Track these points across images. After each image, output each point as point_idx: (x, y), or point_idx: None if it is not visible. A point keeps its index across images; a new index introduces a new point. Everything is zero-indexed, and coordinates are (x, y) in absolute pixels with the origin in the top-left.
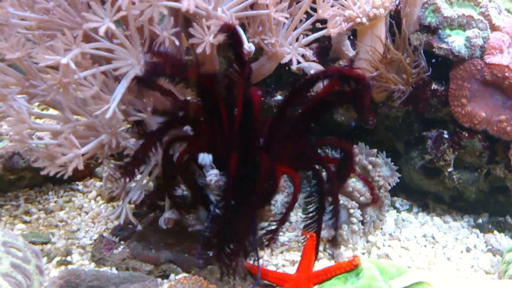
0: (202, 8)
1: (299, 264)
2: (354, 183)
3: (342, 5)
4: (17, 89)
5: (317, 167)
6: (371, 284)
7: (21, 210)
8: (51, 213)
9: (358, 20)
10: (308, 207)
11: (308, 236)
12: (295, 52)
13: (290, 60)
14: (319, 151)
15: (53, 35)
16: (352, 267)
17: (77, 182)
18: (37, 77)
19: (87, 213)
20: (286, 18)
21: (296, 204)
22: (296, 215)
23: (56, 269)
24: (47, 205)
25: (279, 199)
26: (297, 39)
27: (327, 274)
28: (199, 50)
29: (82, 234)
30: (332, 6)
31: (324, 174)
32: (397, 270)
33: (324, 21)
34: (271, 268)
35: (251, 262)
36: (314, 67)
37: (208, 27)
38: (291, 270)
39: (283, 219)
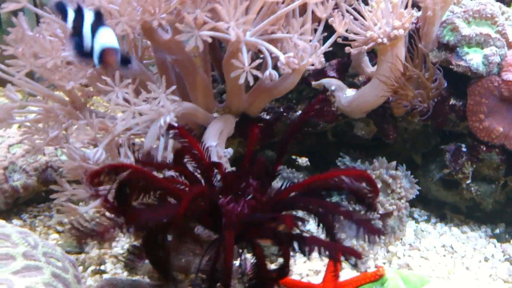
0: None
1: (325, 274)
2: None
3: (363, 25)
4: None
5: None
6: None
7: (54, 221)
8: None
9: (379, 40)
10: None
11: None
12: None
13: (310, 77)
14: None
15: None
16: (377, 278)
17: None
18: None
19: None
20: (310, 40)
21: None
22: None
23: (91, 278)
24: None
25: None
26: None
27: (353, 284)
28: (241, 81)
29: (114, 243)
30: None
31: None
32: (420, 280)
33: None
34: (295, 277)
35: None
36: (334, 83)
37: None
38: (315, 279)
39: None
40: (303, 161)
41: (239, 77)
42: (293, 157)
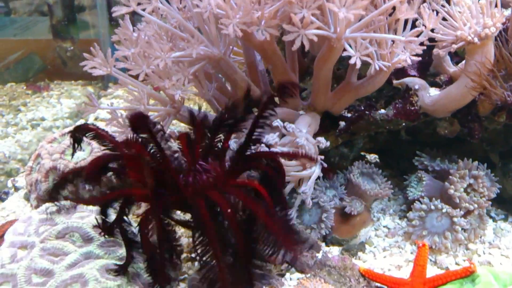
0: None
1: (412, 269)
2: (459, 192)
3: (451, 25)
4: None
5: None
6: None
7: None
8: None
9: (470, 39)
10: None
11: (420, 244)
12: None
13: (391, 75)
14: None
15: None
16: (467, 274)
17: None
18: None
19: None
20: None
21: (391, 211)
22: (394, 222)
23: (185, 264)
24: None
25: None
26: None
27: (442, 280)
28: (354, 61)
29: None
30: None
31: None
32: (510, 277)
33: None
34: (378, 271)
35: None
36: (418, 82)
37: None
38: (397, 274)
39: None
40: (371, 157)
41: (329, 76)
42: (362, 153)
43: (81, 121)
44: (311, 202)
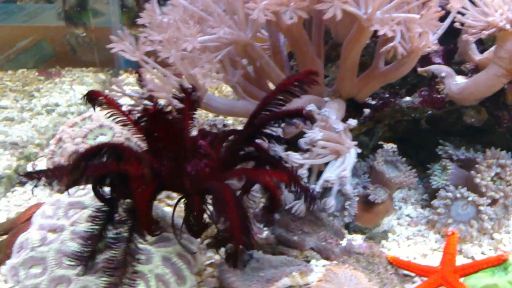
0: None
1: (442, 257)
2: (486, 181)
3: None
4: None
5: None
6: None
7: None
8: None
9: (501, 25)
10: None
11: (449, 232)
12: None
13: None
14: None
15: None
16: (499, 262)
17: None
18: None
19: None
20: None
21: (413, 200)
22: (416, 211)
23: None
24: None
25: None
26: None
27: (474, 268)
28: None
29: None
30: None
31: None
32: None
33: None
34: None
35: None
36: (444, 70)
37: None
38: (423, 262)
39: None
40: (388, 147)
41: (356, 61)
42: (380, 142)
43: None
44: (351, 189)
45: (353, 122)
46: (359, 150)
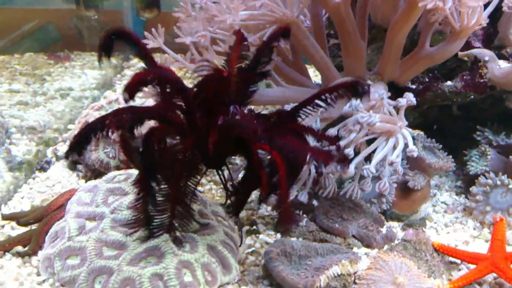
0: None
1: (491, 244)
2: None
3: None
4: None
5: None
6: None
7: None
8: (221, 185)
9: None
10: None
11: (497, 219)
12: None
13: None
14: None
15: None
16: None
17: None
18: None
19: None
20: None
21: (447, 187)
22: (451, 198)
23: (248, 237)
24: (215, 177)
25: None
26: None
27: None
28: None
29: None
30: None
31: None
32: None
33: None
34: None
35: None
36: (488, 54)
37: None
38: (466, 249)
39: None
40: (414, 133)
41: (402, 42)
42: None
43: (109, 92)
44: (402, 170)
45: (413, 99)
46: (411, 130)
